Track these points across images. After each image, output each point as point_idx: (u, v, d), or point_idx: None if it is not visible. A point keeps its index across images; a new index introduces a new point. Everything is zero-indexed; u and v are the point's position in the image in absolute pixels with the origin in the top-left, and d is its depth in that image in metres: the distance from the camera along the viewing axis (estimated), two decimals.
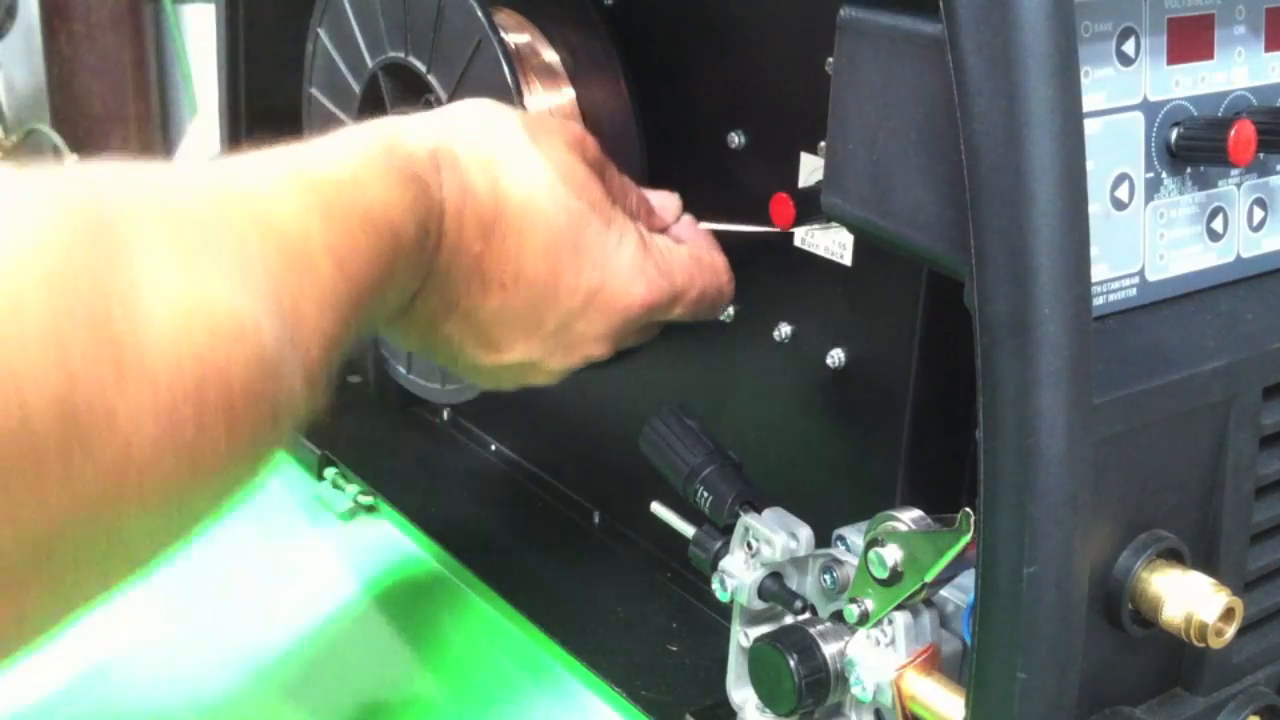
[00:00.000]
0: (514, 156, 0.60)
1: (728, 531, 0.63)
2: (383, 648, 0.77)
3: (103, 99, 2.38)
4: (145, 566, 0.44)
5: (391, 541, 0.86)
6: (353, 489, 0.90)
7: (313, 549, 0.86)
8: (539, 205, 0.59)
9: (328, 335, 0.49)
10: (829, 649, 0.57)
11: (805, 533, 0.60)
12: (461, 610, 0.80)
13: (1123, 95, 0.53)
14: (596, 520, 0.85)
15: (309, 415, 0.50)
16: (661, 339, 0.75)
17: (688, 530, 0.66)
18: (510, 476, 0.92)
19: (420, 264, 0.56)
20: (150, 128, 2.50)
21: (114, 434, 0.39)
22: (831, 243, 0.65)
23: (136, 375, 0.40)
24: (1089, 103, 0.50)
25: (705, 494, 0.64)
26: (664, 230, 0.70)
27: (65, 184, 0.44)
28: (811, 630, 0.58)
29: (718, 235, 0.70)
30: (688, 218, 0.71)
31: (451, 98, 0.73)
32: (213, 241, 0.45)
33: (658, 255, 0.63)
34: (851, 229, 0.58)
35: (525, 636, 0.76)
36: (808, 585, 0.60)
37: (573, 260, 0.60)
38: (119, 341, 0.40)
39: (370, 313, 0.53)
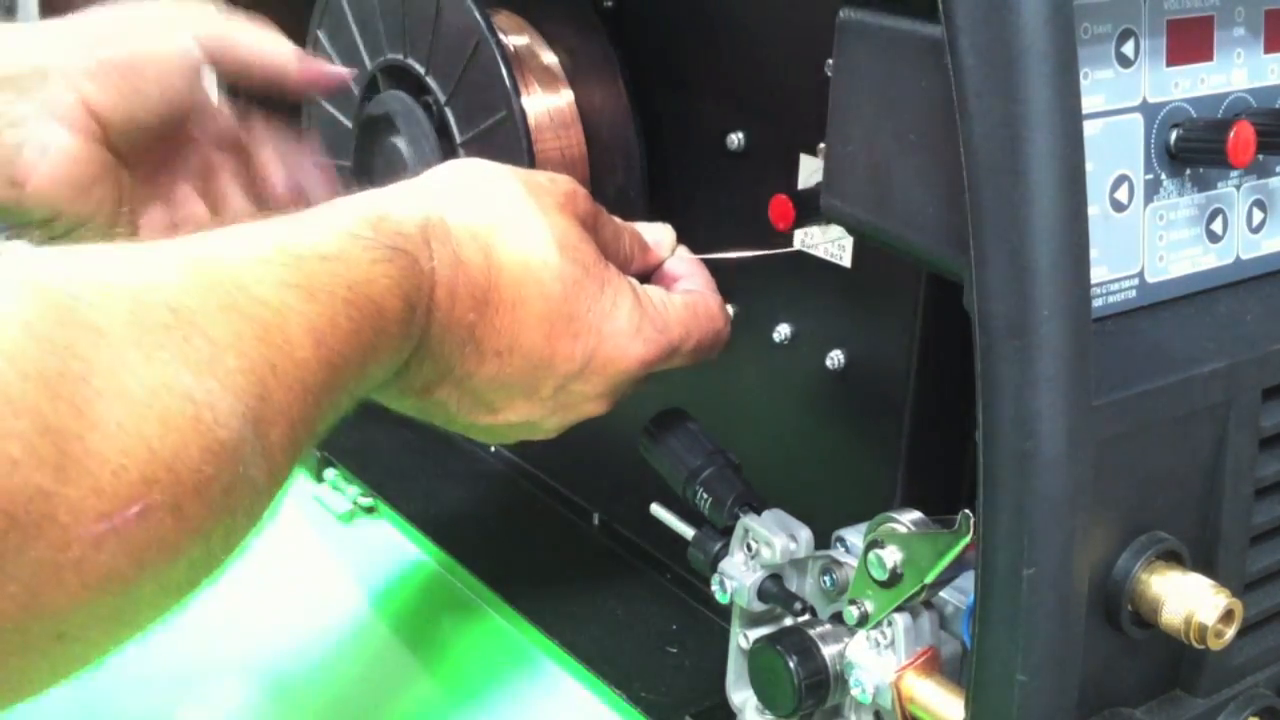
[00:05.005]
0: (506, 226, 0.59)
1: (727, 533, 0.63)
2: (382, 649, 0.77)
3: None
4: (97, 656, 0.44)
5: (391, 543, 0.86)
6: (352, 490, 0.90)
7: (312, 551, 0.86)
8: (533, 275, 0.59)
9: (296, 418, 0.48)
10: (829, 651, 0.57)
11: (805, 534, 0.60)
12: (461, 612, 0.80)
13: (1122, 97, 0.53)
14: (596, 521, 0.85)
15: (272, 499, 0.49)
16: None
17: (687, 532, 0.66)
18: (510, 478, 0.92)
19: (407, 337, 0.55)
20: None
21: (52, 527, 0.39)
22: (831, 244, 0.65)
23: (79, 469, 0.40)
24: (1088, 104, 0.50)
25: (705, 495, 0.64)
26: (659, 265, 0.69)
27: (40, 267, 0.44)
28: (811, 632, 0.58)
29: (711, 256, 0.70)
30: (683, 250, 0.70)
31: (450, 99, 0.73)
32: (181, 324, 0.44)
33: (653, 312, 0.63)
34: (851, 230, 0.58)
35: (524, 638, 0.76)
36: (807, 587, 0.60)
37: (568, 327, 0.60)
38: (64, 433, 0.39)
39: (350, 388, 0.53)
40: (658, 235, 0.70)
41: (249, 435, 0.45)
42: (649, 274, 0.69)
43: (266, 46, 0.75)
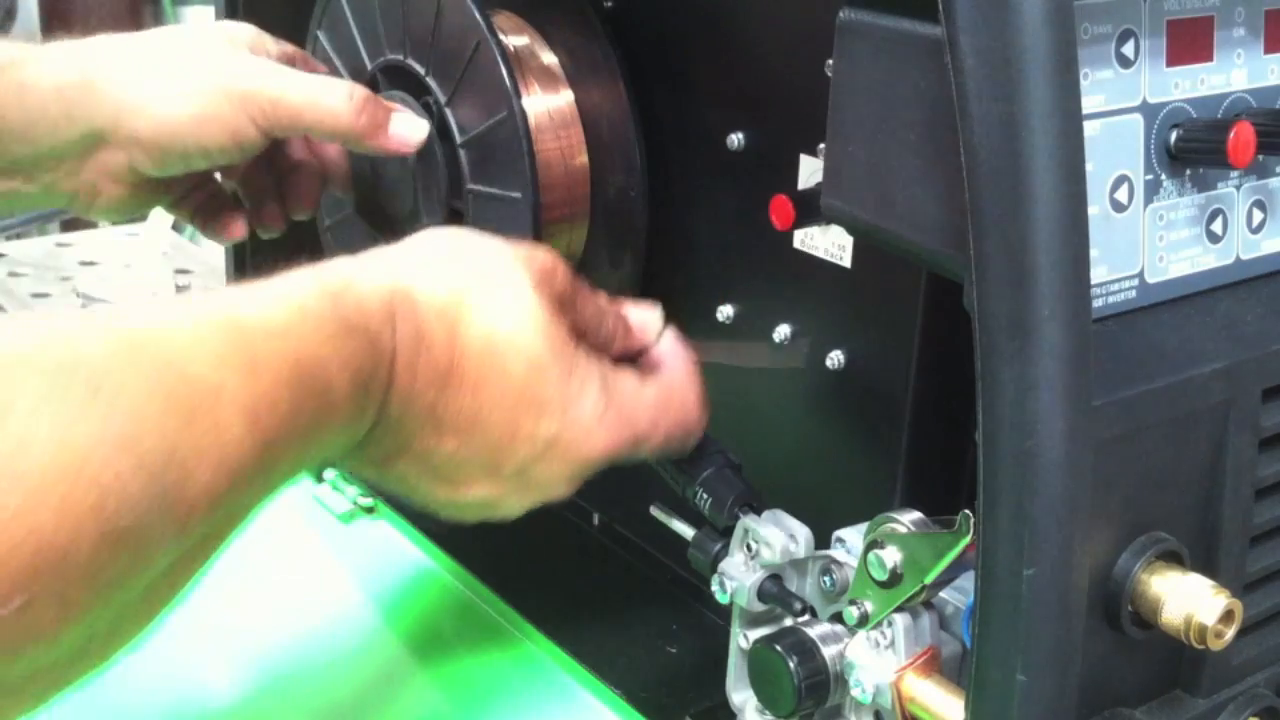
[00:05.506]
0: (475, 303, 0.58)
1: (727, 533, 0.63)
2: (381, 650, 0.77)
3: None
4: None
5: (390, 543, 0.86)
6: (352, 491, 0.90)
7: (311, 551, 0.86)
8: (497, 355, 0.58)
9: (220, 502, 0.47)
10: (829, 651, 0.57)
11: (804, 534, 0.60)
12: (460, 612, 0.80)
13: (1122, 97, 0.53)
14: (596, 522, 0.85)
15: (186, 582, 0.48)
16: None
17: (687, 532, 0.66)
18: None
19: (357, 416, 0.54)
20: None
21: None
22: (831, 244, 0.65)
23: None
24: (1088, 105, 0.50)
25: (705, 496, 0.64)
26: (643, 351, 0.67)
27: None
28: (811, 632, 0.58)
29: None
30: (671, 334, 0.68)
31: (450, 100, 0.73)
32: (100, 404, 0.43)
33: (620, 401, 0.61)
34: (851, 231, 0.58)
35: (524, 638, 0.76)
36: (807, 587, 0.61)
37: (530, 410, 0.58)
38: None
39: (287, 467, 0.51)
40: (644, 317, 0.68)
41: (157, 520, 0.44)
42: (633, 357, 0.67)
43: (320, 102, 0.72)
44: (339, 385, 0.52)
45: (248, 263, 0.94)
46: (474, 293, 0.58)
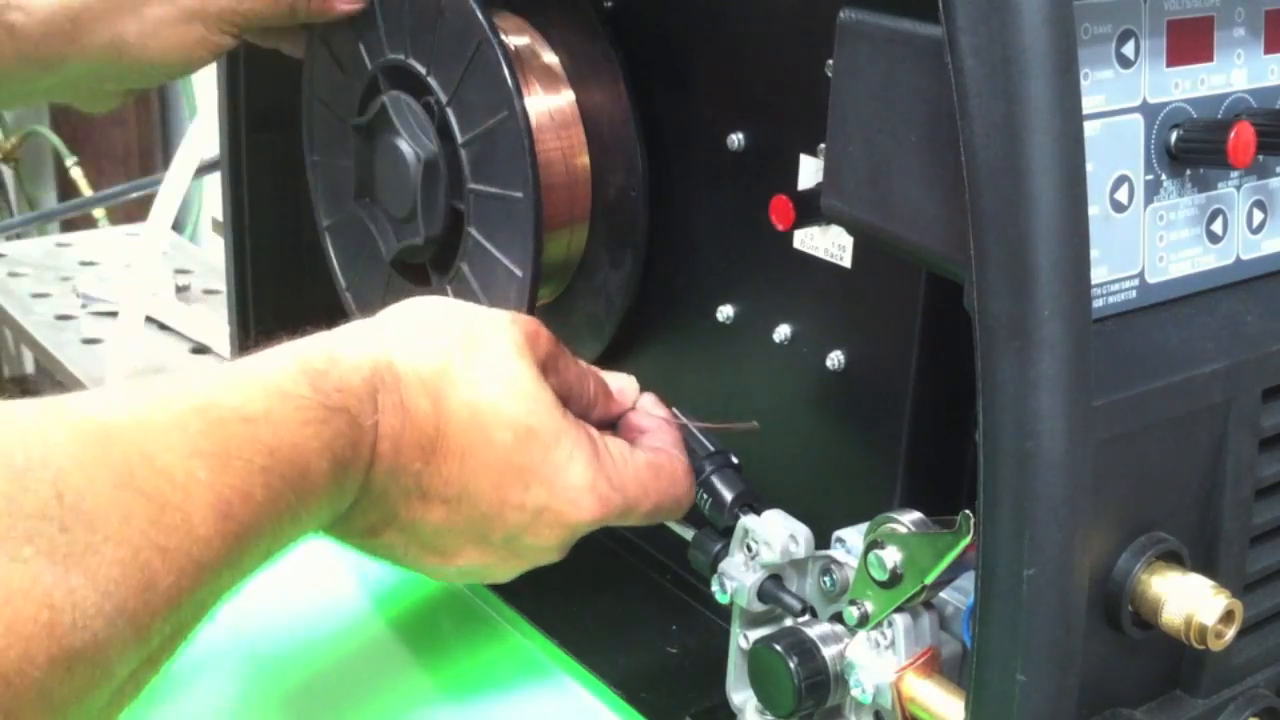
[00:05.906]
0: (458, 372, 0.58)
1: (727, 533, 0.63)
2: (381, 650, 0.77)
3: None
4: None
5: None
6: None
7: (311, 551, 0.86)
8: (483, 425, 0.57)
9: (184, 601, 0.45)
10: (829, 651, 0.57)
11: (805, 534, 0.60)
12: (460, 612, 0.80)
13: (1122, 97, 0.53)
14: None
15: (145, 684, 0.46)
16: (661, 340, 0.75)
17: (687, 532, 0.66)
18: None
19: (337, 495, 0.54)
20: (149, 130, 2.50)
21: None
22: (831, 245, 0.65)
23: None
24: (1088, 105, 0.50)
25: (705, 496, 0.64)
26: (622, 415, 0.68)
27: None
28: (811, 632, 0.58)
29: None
30: (650, 399, 0.69)
31: (451, 99, 0.73)
32: (64, 510, 0.41)
33: (610, 468, 0.61)
34: (851, 231, 0.58)
35: (524, 639, 0.76)
36: (807, 587, 0.61)
37: (518, 479, 0.58)
38: None
39: (264, 552, 0.50)
40: (621, 383, 0.68)
41: (118, 631, 0.42)
42: (612, 422, 0.68)
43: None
44: (317, 468, 0.51)
45: (248, 261, 0.94)
46: (458, 361, 0.58)
